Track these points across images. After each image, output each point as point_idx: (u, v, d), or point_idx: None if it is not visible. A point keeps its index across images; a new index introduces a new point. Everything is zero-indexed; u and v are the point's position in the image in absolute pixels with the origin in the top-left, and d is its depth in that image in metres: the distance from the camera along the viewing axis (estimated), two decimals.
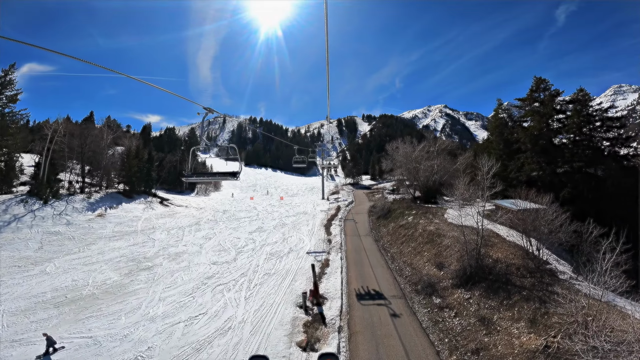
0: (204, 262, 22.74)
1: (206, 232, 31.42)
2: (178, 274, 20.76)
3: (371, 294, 17.28)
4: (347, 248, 24.55)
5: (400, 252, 23.30)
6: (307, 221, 34.36)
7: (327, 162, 63.94)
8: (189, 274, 20.81)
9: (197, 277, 20.26)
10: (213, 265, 22.23)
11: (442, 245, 20.86)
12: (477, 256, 16.79)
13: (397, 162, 39.61)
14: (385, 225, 30.44)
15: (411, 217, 28.18)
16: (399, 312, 15.43)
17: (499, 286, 15.22)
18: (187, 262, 23.06)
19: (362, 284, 18.46)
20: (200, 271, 21.22)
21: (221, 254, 24.55)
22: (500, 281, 15.49)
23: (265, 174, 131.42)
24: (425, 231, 23.78)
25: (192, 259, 23.64)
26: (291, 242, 26.73)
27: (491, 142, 36.52)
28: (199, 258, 23.67)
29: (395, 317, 14.93)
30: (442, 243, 21.07)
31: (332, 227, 29.98)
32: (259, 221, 36.00)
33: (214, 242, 27.81)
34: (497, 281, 15.53)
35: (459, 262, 17.83)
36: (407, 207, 32.65)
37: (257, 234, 30.10)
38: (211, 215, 40.23)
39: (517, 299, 14.02)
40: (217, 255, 24.11)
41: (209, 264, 22.37)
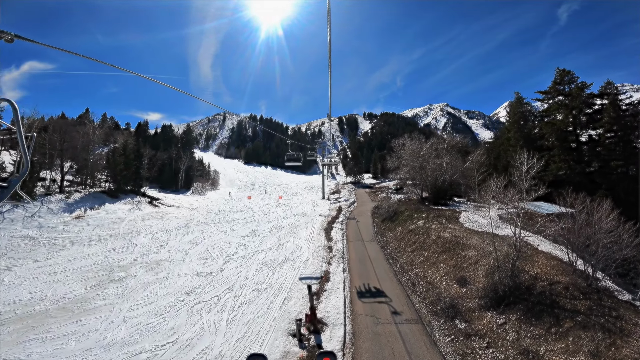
0: (185, 273, 19.82)
1: (194, 235, 28.50)
2: (153, 288, 17.88)
3: (381, 317, 14.33)
4: (349, 257, 21.58)
5: (411, 262, 20.32)
6: (306, 224, 31.38)
7: (328, 159, 61.05)
8: (165, 287, 17.91)
9: (174, 291, 17.35)
10: (195, 276, 19.31)
11: (462, 256, 17.87)
12: (512, 272, 13.80)
13: (404, 160, 36.54)
14: (392, 230, 27.44)
15: (421, 221, 25.17)
16: (416, 342, 12.46)
17: (543, 309, 12.29)
18: (167, 272, 20.17)
19: (369, 304, 15.50)
20: (180, 284, 18.31)
21: (207, 262, 21.62)
22: (543, 303, 12.53)
23: (264, 172, 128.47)
24: (439, 238, 20.78)
25: (173, 268, 20.73)
26: (287, 248, 23.78)
27: (508, 139, 33.42)
28: (180, 267, 20.75)
29: (411, 349, 11.97)
30: (461, 254, 18.09)
31: (333, 231, 27.01)
32: (254, 223, 33.06)
33: (201, 248, 24.89)
34: (539, 303, 12.57)
35: (487, 278, 14.86)
36: (416, 209, 29.63)
37: (250, 238, 27.16)
38: (203, 216, 37.34)
39: (569, 325, 11.10)
40: (202, 265, 21.18)
41: (191, 275, 19.45)
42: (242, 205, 46.32)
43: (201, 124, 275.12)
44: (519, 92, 32.79)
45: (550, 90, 28.91)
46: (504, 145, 33.12)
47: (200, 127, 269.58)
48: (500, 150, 33.53)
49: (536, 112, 31.26)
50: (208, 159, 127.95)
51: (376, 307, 15.15)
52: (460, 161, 35.40)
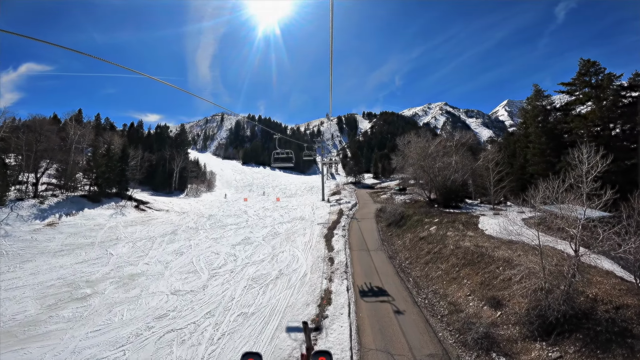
0: (161, 291, 16.93)
1: (180, 244, 25.62)
2: (119, 309, 15.04)
3: (397, 352, 11.45)
4: (354, 270, 18.68)
5: (426, 277, 17.45)
6: (304, 229, 28.49)
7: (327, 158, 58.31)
8: (135, 309, 15.05)
9: (144, 314, 14.48)
10: (173, 295, 16.43)
11: (491, 271, 15.02)
12: (567, 294, 10.94)
13: (410, 159, 33.59)
14: (400, 236, 24.57)
15: (433, 226, 22.29)
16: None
17: (610, 339, 9.49)
18: (140, 289, 17.30)
19: (381, 334, 12.63)
20: (152, 305, 15.45)
21: (189, 278, 18.72)
22: (610, 331, 9.72)
23: (263, 172, 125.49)
24: (458, 248, 17.90)
25: (148, 284, 17.85)
26: (282, 260, 20.88)
27: (526, 135, 30.45)
28: (157, 284, 17.86)
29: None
30: (489, 268, 15.23)
31: (334, 239, 24.12)
32: (248, 229, 30.16)
33: (186, 259, 22.00)
34: (606, 332, 9.75)
35: (528, 300, 12.02)
36: (426, 212, 26.76)
37: (242, 247, 24.26)
38: (193, 221, 34.43)
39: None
40: (182, 280, 18.28)
41: (167, 294, 16.57)
42: (237, 208, 43.41)
43: (199, 124, 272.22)
44: (537, 85, 29.92)
45: (574, 82, 26.06)
46: (521, 142, 30.27)
47: (198, 127, 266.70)
48: (515, 147, 30.68)
49: (559, 106, 28.42)
50: (205, 159, 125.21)
51: (389, 337, 12.28)
52: (470, 160, 32.57)
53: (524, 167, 28.68)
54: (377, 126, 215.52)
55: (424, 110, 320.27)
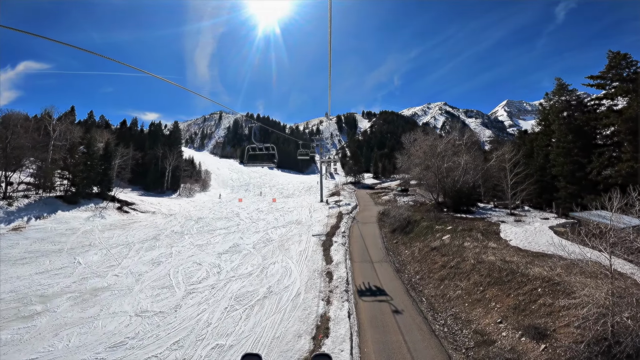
0: (124, 311, 14.17)
1: (160, 252, 22.81)
2: (68, 333, 12.36)
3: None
4: (356, 289, 15.91)
5: (443, 297, 14.72)
6: (300, 236, 25.71)
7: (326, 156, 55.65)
8: (87, 333, 12.37)
9: (96, 341, 11.74)
10: (137, 317, 13.67)
11: (527, 292, 12.31)
12: None
13: (416, 159, 30.76)
14: (407, 245, 21.83)
15: (447, 235, 19.54)
16: None
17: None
18: (101, 307, 14.58)
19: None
20: (110, 329, 12.71)
21: (161, 294, 15.94)
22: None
23: (260, 172, 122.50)
24: (481, 263, 15.17)
25: (111, 302, 15.08)
26: (273, 273, 18.09)
27: (546, 133, 27.61)
28: (122, 301, 15.08)
29: None
30: (525, 288, 12.51)
31: (333, 248, 21.33)
32: (238, 235, 27.37)
33: (162, 270, 19.20)
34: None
35: (585, 330, 9.32)
36: (436, 218, 24.02)
37: (229, 257, 21.47)
38: (179, 225, 31.60)
39: None
40: (152, 298, 15.50)
41: (131, 315, 13.81)
42: (229, 210, 40.59)
43: (197, 122, 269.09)
44: (560, 78, 27.03)
45: (604, 75, 23.34)
46: (540, 141, 27.52)
47: (196, 126, 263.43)
48: (533, 147, 27.92)
49: (586, 101, 25.60)
50: (202, 158, 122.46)
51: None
52: (481, 160, 29.83)
53: (543, 168, 26.00)
54: (376, 125, 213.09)
55: (423, 110, 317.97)
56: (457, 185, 26.12)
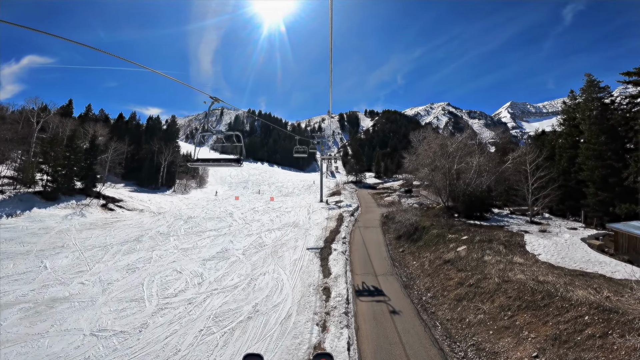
0: (79, 328, 11.92)
1: (139, 255, 20.51)
2: (4, 353, 10.09)
3: None
4: (357, 309, 13.54)
5: (461, 321, 12.34)
6: (296, 241, 23.34)
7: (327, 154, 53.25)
8: (26, 354, 10.30)
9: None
10: (92, 337, 11.42)
11: (571, 319, 9.92)
12: None
13: (427, 158, 28.16)
14: (415, 255, 19.42)
15: (462, 246, 17.13)
16: None
17: None
18: (53, 322, 12.39)
19: None
20: (55, 350, 10.53)
21: (129, 308, 13.62)
22: None
23: (260, 168, 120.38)
24: (508, 282, 12.76)
25: (67, 316, 12.82)
26: (261, 287, 15.73)
27: (570, 134, 24.95)
28: (79, 316, 12.80)
29: None
30: (567, 315, 10.10)
31: (332, 257, 18.90)
32: (228, 238, 25.03)
33: (136, 278, 16.88)
34: None
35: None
36: (447, 225, 21.58)
37: (214, 264, 19.12)
38: (167, 224, 29.28)
39: None
40: (117, 313, 13.19)
41: (86, 334, 11.56)
42: (223, 209, 38.23)
43: (198, 118, 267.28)
44: (590, 74, 24.25)
45: None
46: (565, 141, 24.95)
47: (197, 121, 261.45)
48: (555, 147, 25.31)
49: (619, 100, 22.95)
50: (201, 154, 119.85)
51: None
52: (497, 162, 27.33)
53: (567, 172, 23.51)
54: (379, 124, 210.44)
55: (426, 110, 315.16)
56: (469, 189, 23.68)
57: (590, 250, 15.02)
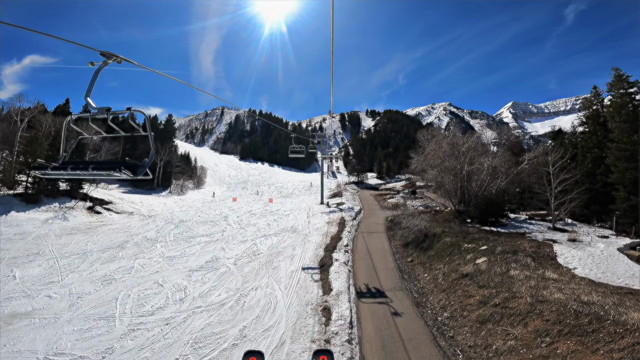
0: (34, 350, 10.22)
1: (120, 264, 18.55)
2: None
3: None
4: (363, 333, 11.52)
5: (486, 348, 10.29)
6: (294, 248, 21.32)
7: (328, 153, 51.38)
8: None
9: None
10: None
11: (627, 348, 7.86)
12: None
13: (436, 158, 25.87)
14: (426, 266, 17.37)
15: (482, 258, 15.07)
16: None
17: None
18: (6, 342, 10.53)
19: None
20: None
21: (95, 328, 11.66)
22: None
23: (260, 169, 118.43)
24: (542, 302, 10.71)
25: (24, 334, 10.94)
26: (251, 305, 13.72)
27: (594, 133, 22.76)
28: (38, 335, 10.82)
29: None
30: (619, 343, 8.05)
31: (333, 269, 16.85)
32: (220, 244, 23.05)
33: (111, 291, 14.90)
34: None
35: None
36: (462, 233, 19.51)
37: (201, 275, 17.12)
38: (156, 229, 27.32)
39: None
40: (80, 333, 11.21)
41: (39, 359, 9.56)
42: (218, 212, 36.28)
43: (198, 118, 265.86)
44: (618, 68, 22.07)
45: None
46: (588, 142, 22.80)
47: (197, 121, 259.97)
48: (577, 149, 23.08)
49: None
50: (201, 154, 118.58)
51: None
52: (514, 162, 25.23)
53: (592, 174, 21.42)
54: (380, 124, 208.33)
55: (428, 110, 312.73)
56: (482, 192, 21.62)
57: (631, 263, 13.00)
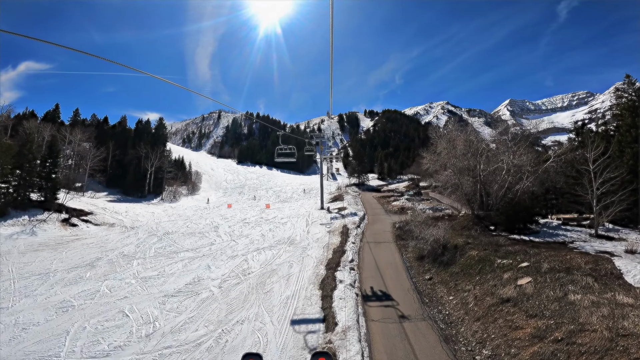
0: None
1: (85, 287, 15.59)
2: None
3: None
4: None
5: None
6: (290, 266, 18.35)
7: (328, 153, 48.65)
8: None
9: None
10: None
11: None
12: None
13: (453, 158, 22.59)
14: (450, 286, 14.42)
15: (524, 277, 12.12)
16: None
17: None
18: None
19: None
20: None
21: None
22: None
23: (258, 172, 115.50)
24: (624, 336, 7.76)
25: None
26: (234, 346, 10.71)
27: (634, 126, 19.84)
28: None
29: None
30: None
31: (337, 293, 13.83)
32: (206, 261, 20.07)
33: (64, 322, 11.89)
34: None
35: None
36: (491, 244, 16.53)
37: (177, 303, 14.13)
38: (136, 242, 24.38)
39: None
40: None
41: None
42: (209, 221, 33.30)
43: (195, 122, 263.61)
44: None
45: None
46: (627, 135, 19.88)
47: (194, 125, 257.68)
48: (616, 144, 19.99)
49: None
50: (197, 158, 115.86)
51: None
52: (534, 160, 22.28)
53: (633, 171, 18.54)
54: (379, 124, 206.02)
55: (426, 110, 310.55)
56: (507, 194, 18.71)
57: None
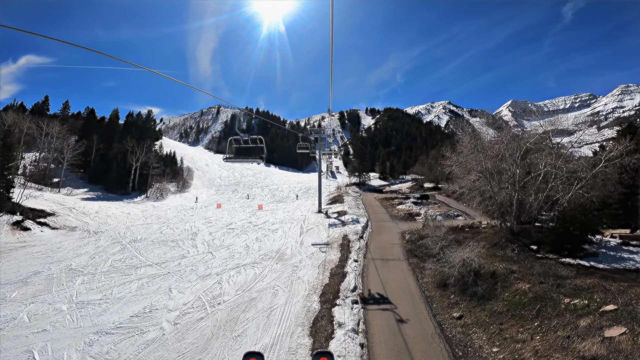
0: None
1: (4, 312, 11.41)
2: None
3: None
4: None
5: None
6: (275, 293, 14.18)
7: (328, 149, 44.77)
8: None
9: None
10: None
11: None
12: None
13: (482, 161, 17.76)
14: (490, 331, 10.35)
15: (614, 326, 8.08)
16: None
17: None
18: None
19: None
20: None
21: None
22: None
23: (255, 169, 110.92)
24: None
25: None
26: None
27: None
28: None
29: None
30: None
31: (334, 344, 9.81)
32: (170, 280, 15.93)
33: None
34: None
35: None
36: (548, 275, 12.45)
37: (109, 347, 9.90)
38: (94, 252, 20.25)
39: None
40: None
41: None
42: (189, 225, 29.11)
43: (193, 117, 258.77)
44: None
45: None
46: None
47: (192, 120, 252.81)
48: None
49: None
50: (193, 153, 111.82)
51: None
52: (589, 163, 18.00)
53: None
54: (381, 122, 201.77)
55: (427, 109, 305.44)
56: (554, 206, 14.59)
57: None
